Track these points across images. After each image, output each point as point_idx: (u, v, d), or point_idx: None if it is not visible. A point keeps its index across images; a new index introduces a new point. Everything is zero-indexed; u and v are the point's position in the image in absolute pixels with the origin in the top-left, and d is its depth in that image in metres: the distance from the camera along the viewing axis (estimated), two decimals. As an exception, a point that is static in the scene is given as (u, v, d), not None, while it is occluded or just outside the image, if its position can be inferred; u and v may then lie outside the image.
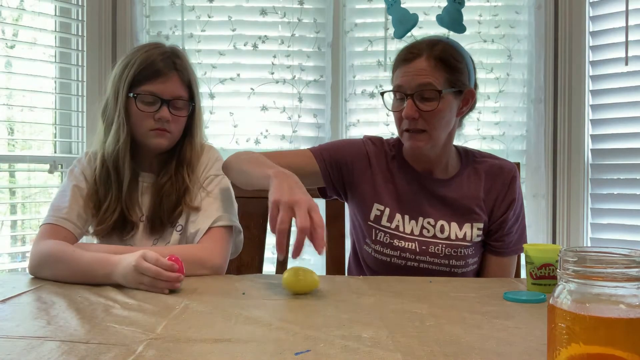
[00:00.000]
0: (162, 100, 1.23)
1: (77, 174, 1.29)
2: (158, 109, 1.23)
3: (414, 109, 1.22)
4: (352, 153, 1.36)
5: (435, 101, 1.22)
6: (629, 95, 2.16)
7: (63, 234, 1.20)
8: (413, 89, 1.23)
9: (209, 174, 1.31)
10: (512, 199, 1.33)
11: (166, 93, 1.24)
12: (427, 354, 0.66)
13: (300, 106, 2.32)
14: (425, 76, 1.22)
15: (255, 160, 1.23)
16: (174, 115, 1.25)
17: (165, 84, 1.24)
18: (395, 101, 1.29)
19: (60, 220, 1.21)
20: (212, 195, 1.28)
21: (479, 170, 1.34)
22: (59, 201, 1.25)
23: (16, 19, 2.56)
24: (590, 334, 0.49)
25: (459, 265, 1.29)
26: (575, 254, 0.51)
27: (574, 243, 2.22)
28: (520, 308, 0.90)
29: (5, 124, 2.42)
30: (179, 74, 1.25)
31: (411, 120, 1.24)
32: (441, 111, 1.23)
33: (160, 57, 1.24)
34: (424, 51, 1.24)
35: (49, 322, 0.80)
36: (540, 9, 2.23)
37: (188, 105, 1.28)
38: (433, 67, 1.23)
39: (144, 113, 1.24)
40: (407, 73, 1.24)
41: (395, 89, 1.28)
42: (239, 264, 1.55)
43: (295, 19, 2.31)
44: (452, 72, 1.24)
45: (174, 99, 1.25)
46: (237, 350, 0.67)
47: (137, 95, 1.23)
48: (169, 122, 1.24)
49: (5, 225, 2.87)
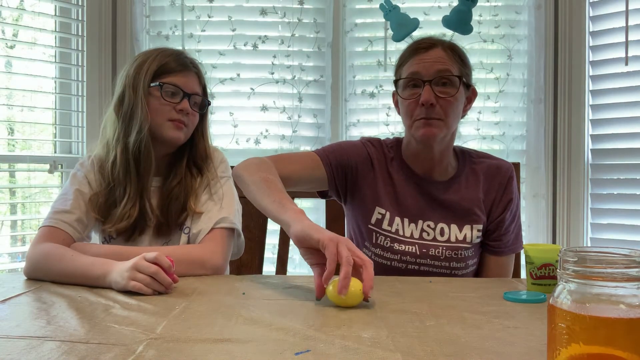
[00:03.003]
0: (184, 92, 1.27)
1: (80, 178, 1.29)
2: (180, 101, 1.26)
3: (432, 95, 1.21)
4: (356, 156, 1.35)
5: (454, 87, 1.23)
6: (629, 95, 2.16)
7: (62, 237, 1.19)
8: (431, 75, 1.22)
9: (215, 176, 1.32)
10: (509, 199, 1.33)
11: (188, 87, 1.28)
12: (427, 354, 0.66)
13: (300, 106, 2.32)
14: (443, 63, 1.23)
15: (268, 184, 1.15)
16: (192, 109, 1.28)
17: (187, 78, 1.28)
18: (408, 90, 1.26)
19: (60, 223, 1.20)
20: (216, 197, 1.28)
21: (476, 171, 1.34)
22: (60, 204, 1.24)
23: (16, 19, 2.56)
24: (590, 334, 0.49)
25: (459, 267, 1.29)
26: (575, 254, 0.51)
27: (574, 243, 2.22)
28: (520, 308, 0.89)
29: (5, 124, 2.42)
30: (197, 72, 1.31)
31: (428, 108, 1.22)
32: (457, 100, 1.24)
33: (179, 56, 1.30)
34: (438, 42, 1.27)
35: (49, 322, 0.80)
36: (540, 9, 2.23)
37: (204, 103, 1.32)
38: (450, 56, 1.25)
39: (166, 103, 1.26)
40: (425, 60, 1.24)
41: (410, 76, 1.25)
42: (239, 264, 1.55)
43: (295, 19, 2.31)
44: (464, 65, 1.27)
45: (193, 94, 1.29)
46: (237, 350, 0.67)
47: (163, 84, 1.25)
48: (188, 115, 1.27)
49: (5, 225, 2.87)
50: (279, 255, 1.57)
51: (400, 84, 1.28)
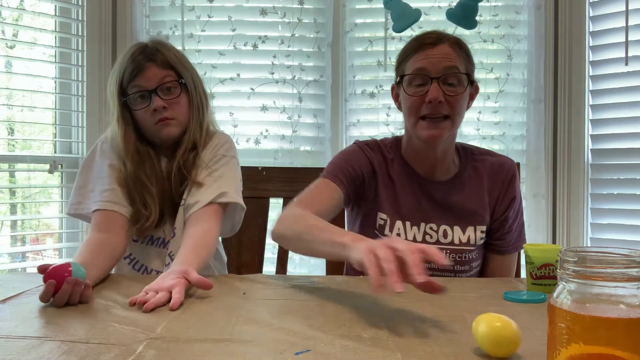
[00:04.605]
0: (149, 91, 1.25)
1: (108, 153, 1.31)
2: (150, 102, 1.24)
3: (440, 92, 1.18)
4: (359, 165, 1.30)
5: (461, 86, 1.20)
6: (629, 95, 2.16)
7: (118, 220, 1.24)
8: (439, 72, 1.19)
9: (217, 153, 1.31)
10: (512, 197, 1.31)
11: (149, 82, 1.25)
12: (427, 354, 0.66)
13: (300, 106, 2.32)
14: (450, 60, 1.20)
15: (312, 229, 1.07)
16: (167, 100, 1.26)
17: (144, 74, 1.25)
18: (413, 86, 1.22)
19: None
20: (218, 172, 1.28)
21: (479, 170, 1.32)
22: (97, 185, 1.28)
23: (16, 19, 2.56)
24: (590, 334, 0.49)
25: (463, 271, 1.27)
26: (575, 254, 0.51)
27: (574, 243, 2.22)
28: (520, 308, 0.89)
29: (5, 124, 2.42)
30: (155, 62, 1.26)
31: (435, 105, 1.18)
32: (464, 97, 1.22)
33: (133, 57, 1.26)
34: (444, 37, 1.23)
35: (49, 322, 0.80)
36: (540, 9, 2.23)
37: (178, 85, 1.28)
38: (457, 53, 1.22)
39: (142, 111, 1.25)
40: (432, 56, 1.20)
41: (417, 72, 1.21)
42: (239, 264, 1.55)
43: (295, 19, 2.31)
44: (469, 61, 1.25)
45: (159, 85, 1.25)
46: (237, 350, 0.67)
47: (128, 97, 1.25)
48: (166, 108, 1.25)
49: (5, 225, 2.87)
50: (279, 255, 1.57)
51: (405, 80, 1.24)
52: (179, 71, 1.29)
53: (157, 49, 1.27)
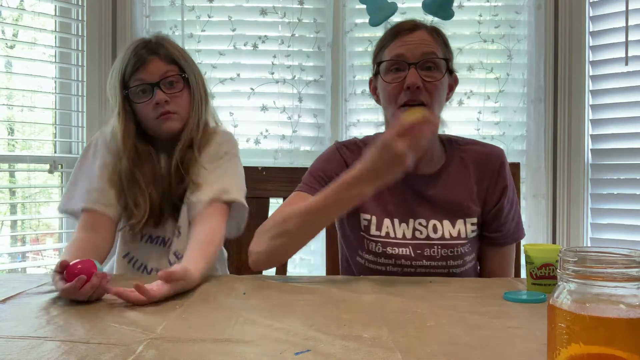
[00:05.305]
0: (151, 85, 1.24)
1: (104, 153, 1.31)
2: (152, 95, 1.24)
3: (418, 77, 1.17)
4: (332, 167, 1.28)
5: (439, 72, 1.19)
6: (629, 95, 2.16)
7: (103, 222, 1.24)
8: (417, 57, 1.18)
9: (220, 150, 1.31)
10: (504, 185, 1.27)
11: (152, 76, 1.25)
12: (427, 354, 0.66)
13: (300, 106, 2.32)
14: (428, 46, 1.20)
15: (299, 208, 1.15)
16: (169, 94, 1.26)
17: (147, 67, 1.25)
18: (391, 74, 1.21)
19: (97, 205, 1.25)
20: (220, 170, 1.28)
21: (465, 160, 1.28)
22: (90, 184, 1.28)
23: (16, 19, 2.56)
24: (590, 334, 0.49)
25: (456, 265, 1.25)
26: (575, 254, 0.51)
27: (574, 243, 2.22)
28: (520, 308, 0.89)
29: (5, 124, 2.42)
30: (158, 55, 1.26)
31: (414, 91, 1.17)
32: (442, 84, 1.20)
33: (136, 50, 1.26)
34: (421, 24, 1.23)
35: (49, 322, 0.80)
36: (540, 9, 2.23)
37: (181, 79, 1.28)
38: (434, 39, 1.22)
39: (144, 104, 1.25)
40: (409, 42, 1.19)
41: (395, 58, 1.20)
42: (239, 264, 1.55)
43: (295, 19, 2.31)
44: (447, 49, 1.24)
45: (162, 78, 1.25)
46: (237, 350, 0.67)
47: (129, 90, 1.25)
48: (168, 102, 1.25)
49: (5, 225, 2.87)
50: (279, 255, 1.56)
51: (382, 68, 1.22)
52: (181, 66, 1.29)
53: (160, 43, 1.28)
